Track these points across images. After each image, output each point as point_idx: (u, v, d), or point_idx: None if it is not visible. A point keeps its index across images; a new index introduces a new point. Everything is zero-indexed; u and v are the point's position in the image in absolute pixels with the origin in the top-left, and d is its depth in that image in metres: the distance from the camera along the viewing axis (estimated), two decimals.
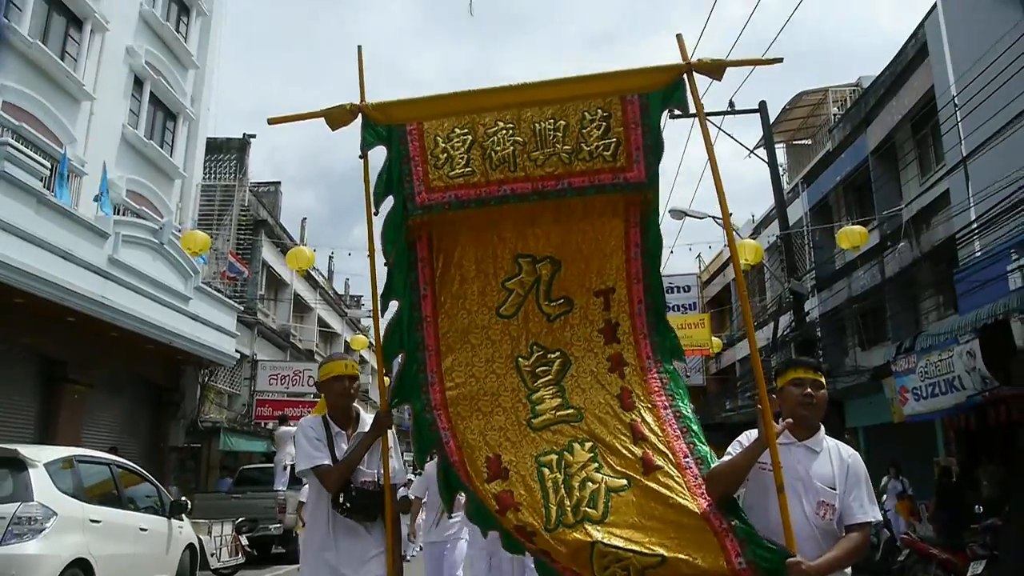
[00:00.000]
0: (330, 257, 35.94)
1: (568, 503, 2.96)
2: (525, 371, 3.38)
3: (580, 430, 3.20)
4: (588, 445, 3.15)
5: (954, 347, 9.24)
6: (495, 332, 3.47)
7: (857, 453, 3.02)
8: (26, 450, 5.93)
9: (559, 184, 3.43)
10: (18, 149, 10.63)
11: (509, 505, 3.02)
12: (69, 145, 13.62)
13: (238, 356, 19.00)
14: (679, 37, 3.41)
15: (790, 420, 2.90)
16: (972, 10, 12.43)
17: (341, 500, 3.42)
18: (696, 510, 2.83)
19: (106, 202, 13.25)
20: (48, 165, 11.96)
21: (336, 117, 3.43)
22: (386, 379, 3.54)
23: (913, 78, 14.90)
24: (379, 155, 3.51)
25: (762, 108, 14.89)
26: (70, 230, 11.56)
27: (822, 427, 3.01)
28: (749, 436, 2.99)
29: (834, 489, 2.83)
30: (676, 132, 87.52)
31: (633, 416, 3.20)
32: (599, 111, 3.43)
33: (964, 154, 12.15)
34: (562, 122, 3.43)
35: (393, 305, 3.51)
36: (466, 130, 3.46)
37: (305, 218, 50.26)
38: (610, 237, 3.52)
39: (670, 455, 3.05)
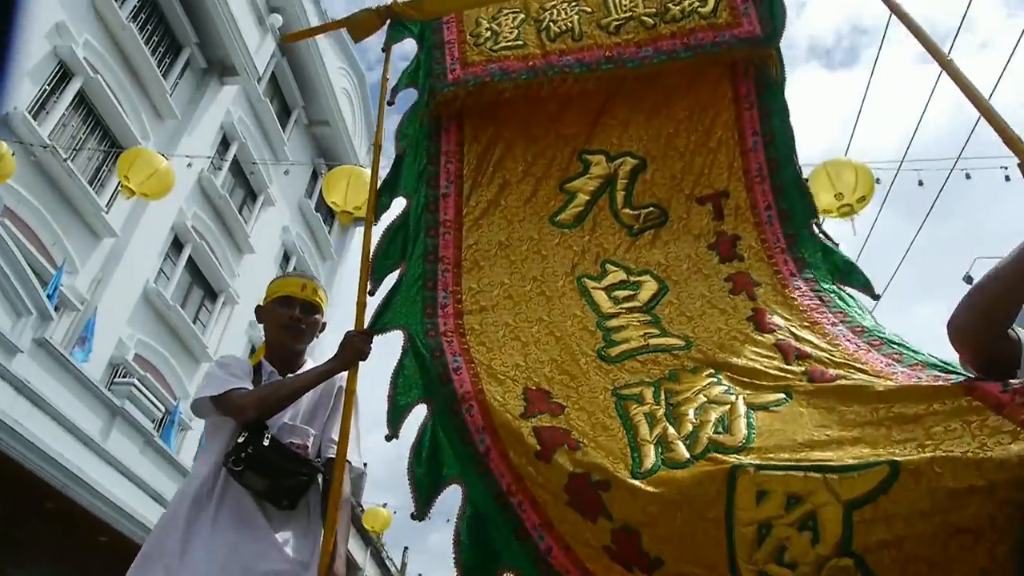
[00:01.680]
0: (404, 549, 35.32)
1: (676, 433, 1.90)
2: (595, 293, 2.50)
3: (689, 359, 2.22)
4: (706, 372, 2.14)
5: None
6: (547, 245, 2.61)
7: None
8: None
9: (640, 51, 2.64)
10: (140, 391, 11.41)
11: (559, 443, 1.96)
12: (183, 400, 14.46)
13: None
14: None
15: None
16: None
17: (241, 442, 2.06)
18: (940, 384, 1.67)
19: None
20: (162, 411, 12.66)
21: (361, 24, 2.91)
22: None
23: None
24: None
25: None
26: (168, 474, 11.84)
27: None
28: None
29: None
30: None
31: (779, 336, 2.18)
32: None
33: None
34: None
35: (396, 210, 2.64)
36: (517, 8, 2.85)
37: (386, 503, 49.71)
38: (715, 125, 2.67)
39: (856, 365, 1.95)
